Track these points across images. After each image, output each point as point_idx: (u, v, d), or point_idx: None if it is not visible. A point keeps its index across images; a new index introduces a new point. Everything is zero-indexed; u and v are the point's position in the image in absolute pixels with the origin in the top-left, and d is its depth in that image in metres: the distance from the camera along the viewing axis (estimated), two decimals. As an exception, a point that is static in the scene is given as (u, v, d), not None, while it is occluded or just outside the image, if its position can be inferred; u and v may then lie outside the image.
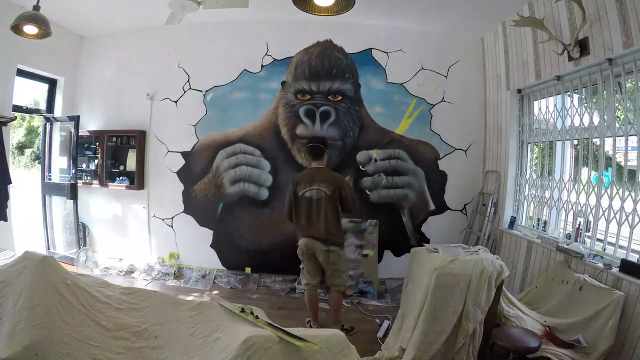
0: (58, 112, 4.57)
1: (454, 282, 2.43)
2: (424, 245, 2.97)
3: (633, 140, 2.62)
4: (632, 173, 2.59)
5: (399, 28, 4.23)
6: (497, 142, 4.05)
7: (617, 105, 2.72)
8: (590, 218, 2.89)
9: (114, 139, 4.55)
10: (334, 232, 3.07)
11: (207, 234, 4.45)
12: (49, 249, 4.63)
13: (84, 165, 4.62)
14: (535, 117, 3.71)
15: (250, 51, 4.32)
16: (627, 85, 2.65)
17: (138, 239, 4.61)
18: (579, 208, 3.01)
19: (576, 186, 3.08)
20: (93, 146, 4.61)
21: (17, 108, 4.05)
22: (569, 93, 3.21)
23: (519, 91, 3.78)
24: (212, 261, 4.45)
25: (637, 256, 2.43)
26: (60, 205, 4.70)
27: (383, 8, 3.78)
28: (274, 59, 4.32)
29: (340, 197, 3.07)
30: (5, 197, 3.72)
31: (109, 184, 4.55)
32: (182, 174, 4.47)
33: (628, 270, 2.33)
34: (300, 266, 3.24)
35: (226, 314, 1.92)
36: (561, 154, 3.34)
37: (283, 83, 4.30)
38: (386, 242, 4.32)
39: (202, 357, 1.70)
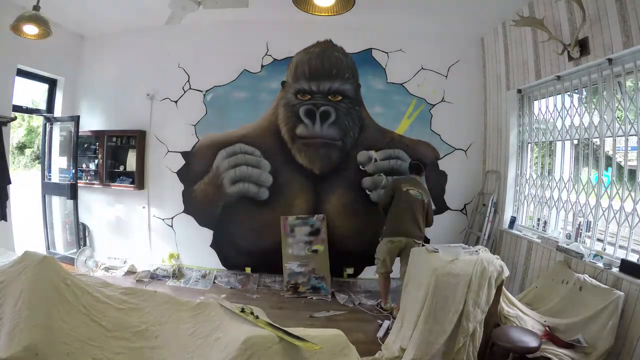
0: (58, 112, 4.57)
1: (454, 282, 2.43)
2: (424, 245, 2.98)
3: (633, 140, 2.63)
4: (632, 173, 2.59)
5: (399, 28, 4.23)
6: (497, 142, 4.05)
7: (617, 105, 2.72)
8: (590, 218, 2.89)
9: (114, 139, 4.54)
10: (423, 231, 3.68)
11: (207, 234, 4.45)
12: (49, 249, 4.63)
13: (84, 165, 4.62)
14: (535, 117, 3.71)
15: (250, 51, 4.32)
16: (627, 85, 2.65)
17: (138, 239, 4.61)
18: (579, 208, 3.01)
19: (576, 186, 3.09)
20: (93, 146, 4.61)
21: (17, 108, 4.04)
22: (569, 93, 3.21)
23: (519, 91, 3.78)
24: (212, 261, 4.45)
25: (637, 256, 2.44)
26: (60, 205, 4.70)
27: (383, 8, 3.78)
28: (274, 59, 4.32)
29: (428, 208, 3.67)
30: (5, 197, 3.72)
31: (109, 184, 4.55)
32: (182, 174, 4.47)
33: (628, 270, 2.33)
34: (380, 257, 3.63)
35: (226, 314, 1.93)
36: (561, 154, 3.34)
37: (283, 83, 4.30)
38: (386, 242, 4.33)
39: (202, 357, 1.70)
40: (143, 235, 4.60)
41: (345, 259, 4.31)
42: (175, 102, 4.46)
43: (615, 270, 2.42)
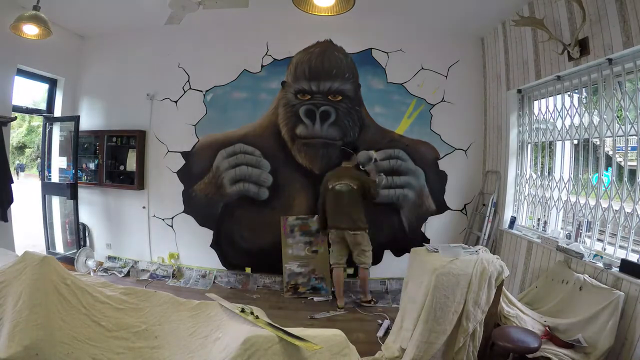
0: (58, 112, 4.57)
1: (454, 282, 2.43)
2: (424, 245, 2.98)
3: (633, 140, 2.63)
4: (632, 173, 2.59)
5: (399, 28, 4.23)
6: (497, 142, 4.05)
7: (617, 105, 2.72)
8: (590, 218, 2.89)
9: (114, 139, 4.55)
10: (360, 218, 3.75)
11: (207, 234, 4.45)
12: (49, 249, 4.63)
13: (84, 165, 4.63)
14: (535, 117, 3.71)
15: (250, 51, 4.32)
16: (627, 85, 2.65)
17: (138, 239, 4.61)
18: (579, 208, 3.01)
19: (576, 186, 3.09)
20: (93, 146, 4.61)
21: (17, 108, 4.04)
22: (569, 93, 3.21)
23: (519, 91, 3.78)
24: (212, 261, 4.44)
25: (637, 256, 2.44)
26: (60, 205, 4.70)
27: (383, 8, 3.78)
28: (274, 59, 4.32)
29: (364, 190, 3.76)
30: (8, 196, 3.71)
31: (109, 183, 4.55)
32: (182, 174, 4.47)
33: (628, 270, 2.33)
34: (330, 249, 3.95)
35: (226, 314, 1.93)
36: (561, 154, 3.34)
37: (283, 83, 4.30)
38: (386, 242, 4.33)
39: (202, 357, 1.70)
40: (143, 235, 4.60)
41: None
42: (175, 102, 4.46)
43: (615, 270, 2.42)
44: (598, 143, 2.88)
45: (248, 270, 4.37)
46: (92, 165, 4.61)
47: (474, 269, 2.46)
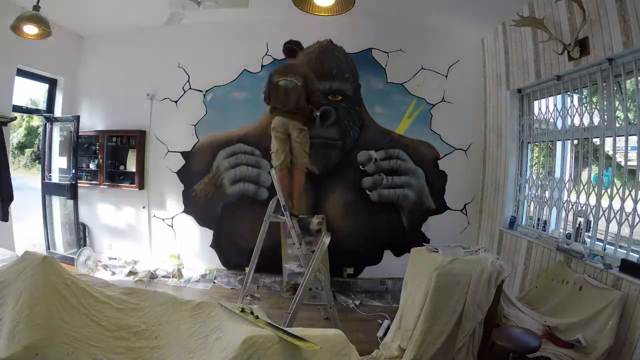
0: (58, 112, 4.57)
1: (454, 282, 2.43)
2: (424, 245, 2.98)
3: (633, 140, 2.62)
4: (632, 173, 2.58)
5: (399, 28, 4.23)
6: (497, 142, 4.05)
7: (617, 105, 2.72)
8: (590, 218, 2.88)
9: (114, 139, 4.55)
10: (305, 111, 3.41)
11: (207, 234, 4.45)
12: (49, 249, 4.63)
13: (84, 165, 4.63)
14: (535, 117, 3.70)
15: (250, 51, 4.32)
16: (627, 85, 2.65)
17: (138, 239, 4.61)
18: (579, 208, 3.01)
19: (576, 186, 3.08)
20: (93, 146, 4.61)
21: (17, 108, 4.04)
22: (569, 93, 3.21)
23: (519, 91, 3.77)
24: (212, 261, 4.45)
25: (637, 256, 2.44)
26: (60, 205, 4.70)
27: (383, 8, 3.78)
28: (274, 59, 4.32)
29: (307, 87, 3.35)
30: (8, 196, 3.71)
31: (109, 184, 4.55)
32: (182, 174, 4.47)
33: (628, 270, 2.33)
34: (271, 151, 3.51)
35: (226, 314, 1.92)
36: (561, 154, 3.34)
37: (283, 83, 4.30)
38: (386, 242, 4.33)
39: (202, 357, 1.70)
40: (143, 235, 4.60)
41: (345, 259, 4.31)
42: (175, 102, 4.46)
43: (615, 270, 2.42)
44: (598, 143, 2.88)
45: (248, 270, 4.36)
46: (92, 165, 4.62)
47: (474, 269, 2.46)
